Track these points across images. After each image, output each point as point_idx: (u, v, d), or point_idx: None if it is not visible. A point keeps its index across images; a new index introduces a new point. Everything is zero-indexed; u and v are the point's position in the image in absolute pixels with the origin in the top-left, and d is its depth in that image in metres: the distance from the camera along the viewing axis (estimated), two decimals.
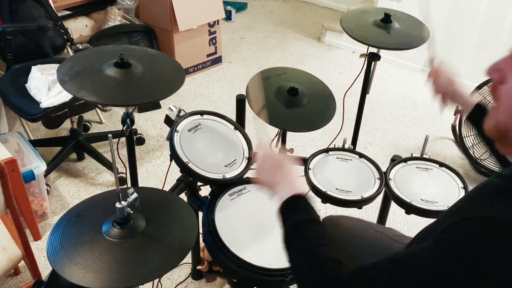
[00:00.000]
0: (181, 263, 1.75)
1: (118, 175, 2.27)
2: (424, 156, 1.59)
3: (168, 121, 1.46)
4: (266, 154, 1.01)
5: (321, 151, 1.61)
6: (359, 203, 1.42)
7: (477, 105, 1.26)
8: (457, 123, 2.73)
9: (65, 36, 2.53)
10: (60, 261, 0.96)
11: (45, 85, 2.08)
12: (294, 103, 1.56)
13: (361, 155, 1.60)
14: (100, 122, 2.80)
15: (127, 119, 1.49)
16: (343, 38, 3.85)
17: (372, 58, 1.93)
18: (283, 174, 0.96)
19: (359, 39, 1.77)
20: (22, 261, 1.56)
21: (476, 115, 1.25)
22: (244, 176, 1.41)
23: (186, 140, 1.39)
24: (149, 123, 2.83)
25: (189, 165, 1.33)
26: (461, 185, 1.49)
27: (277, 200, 0.92)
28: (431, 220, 0.93)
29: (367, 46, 1.85)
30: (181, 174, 1.49)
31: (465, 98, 1.30)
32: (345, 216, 1.37)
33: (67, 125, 2.41)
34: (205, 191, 1.50)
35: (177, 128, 1.40)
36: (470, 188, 1.14)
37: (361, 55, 1.96)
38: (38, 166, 1.95)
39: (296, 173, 0.98)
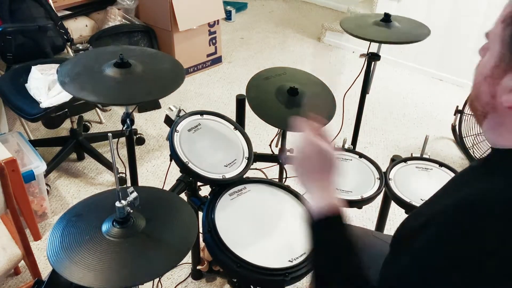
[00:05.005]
0: (181, 263, 1.75)
1: (118, 175, 2.27)
2: (424, 156, 1.59)
3: (168, 121, 1.46)
4: (319, 146, 0.89)
5: None
6: (359, 203, 1.42)
7: None
8: (457, 123, 2.73)
9: (65, 36, 2.53)
10: (60, 261, 0.96)
11: (45, 85, 2.08)
12: (294, 103, 1.56)
13: (361, 155, 1.60)
14: (100, 122, 2.80)
15: (127, 119, 1.49)
16: (343, 38, 3.85)
17: (372, 58, 1.93)
18: (324, 176, 0.86)
19: (359, 36, 1.77)
20: (22, 261, 1.56)
21: None
22: (244, 176, 1.41)
23: (186, 140, 1.39)
24: (149, 123, 2.83)
25: (189, 165, 1.33)
26: None
27: (310, 203, 0.84)
28: None
29: (367, 46, 1.85)
30: (181, 174, 1.49)
31: None
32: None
33: (67, 125, 2.41)
34: (205, 191, 1.50)
35: (177, 128, 1.40)
36: None
37: (361, 55, 1.96)
38: (38, 166, 1.95)
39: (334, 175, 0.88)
